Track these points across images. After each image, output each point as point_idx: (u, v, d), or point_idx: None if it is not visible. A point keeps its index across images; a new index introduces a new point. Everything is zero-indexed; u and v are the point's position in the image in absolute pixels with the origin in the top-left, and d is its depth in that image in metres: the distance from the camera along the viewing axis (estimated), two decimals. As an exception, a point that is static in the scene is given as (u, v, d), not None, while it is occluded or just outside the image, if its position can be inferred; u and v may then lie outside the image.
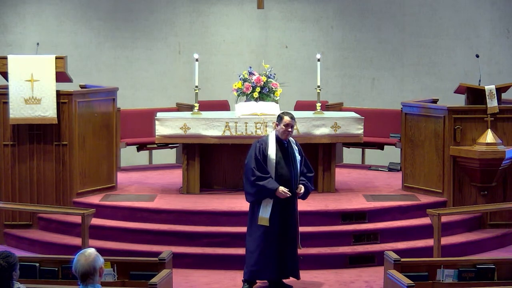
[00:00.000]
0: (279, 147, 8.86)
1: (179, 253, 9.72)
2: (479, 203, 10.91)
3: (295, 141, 9.05)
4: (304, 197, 9.03)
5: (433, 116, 11.18)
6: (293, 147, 8.92)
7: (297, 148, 8.96)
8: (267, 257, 8.80)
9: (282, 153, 8.85)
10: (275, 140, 8.87)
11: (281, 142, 8.89)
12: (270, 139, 8.89)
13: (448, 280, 8.14)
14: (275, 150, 8.81)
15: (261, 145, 8.85)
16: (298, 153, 8.91)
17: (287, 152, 8.87)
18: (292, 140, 8.99)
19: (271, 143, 8.85)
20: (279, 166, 8.81)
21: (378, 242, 10.32)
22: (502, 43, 15.44)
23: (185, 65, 15.33)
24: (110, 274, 8.02)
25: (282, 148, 8.86)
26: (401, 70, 15.54)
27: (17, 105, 10.78)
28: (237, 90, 11.83)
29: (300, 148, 9.00)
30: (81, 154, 11.13)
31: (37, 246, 10.57)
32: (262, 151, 8.80)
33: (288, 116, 8.84)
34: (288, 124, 8.82)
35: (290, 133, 8.88)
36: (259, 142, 8.92)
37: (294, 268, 8.97)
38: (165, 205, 10.81)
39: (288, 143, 8.92)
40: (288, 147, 8.90)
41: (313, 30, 15.52)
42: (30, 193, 11.05)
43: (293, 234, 8.89)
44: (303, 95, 14.75)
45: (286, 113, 8.92)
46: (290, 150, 8.89)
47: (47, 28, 15.30)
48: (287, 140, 8.91)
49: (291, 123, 8.83)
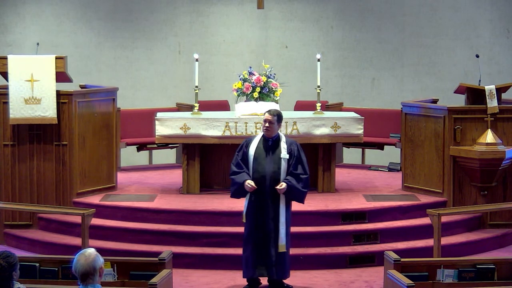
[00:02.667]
0: (262, 144, 8.87)
1: (179, 253, 9.72)
2: (479, 203, 10.91)
3: (289, 141, 8.95)
4: (291, 197, 8.85)
5: (433, 116, 11.18)
6: (280, 146, 8.84)
7: (286, 147, 8.85)
8: (246, 255, 8.86)
9: (263, 150, 8.83)
10: (259, 138, 8.93)
11: (266, 140, 8.89)
12: (257, 137, 8.99)
13: (448, 280, 8.14)
14: (255, 147, 8.86)
15: (246, 142, 8.98)
16: (286, 152, 8.83)
17: (269, 149, 8.84)
18: (284, 139, 8.91)
19: (254, 141, 8.93)
20: (256, 162, 8.82)
21: (378, 242, 10.32)
22: (502, 43, 15.45)
23: (185, 65, 15.34)
24: (110, 274, 8.02)
25: (264, 146, 8.86)
26: (401, 70, 15.54)
27: (17, 105, 10.78)
28: (237, 90, 11.84)
29: (293, 149, 8.85)
30: (81, 154, 11.13)
31: (37, 246, 10.57)
32: (244, 147, 8.92)
33: (267, 113, 8.88)
34: (265, 120, 8.86)
35: (269, 128, 8.83)
36: (246, 140, 9.06)
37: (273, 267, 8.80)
38: (165, 205, 10.81)
39: (275, 142, 8.87)
40: (272, 145, 8.86)
41: (313, 30, 15.53)
42: (30, 193, 11.05)
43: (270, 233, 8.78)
44: (303, 95, 14.76)
45: (268, 110, 8.97)
46: (273, 148, 8.84)
47: (47, 28, 15.30)
48: (271, 137, 8.87)
49: (268, 119, 8.83)
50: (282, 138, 8.93)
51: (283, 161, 8.79)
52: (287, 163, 8.81)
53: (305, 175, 8.85)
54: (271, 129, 8.86)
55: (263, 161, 8.81)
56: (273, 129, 8.87)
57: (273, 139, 8.89)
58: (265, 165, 8.81)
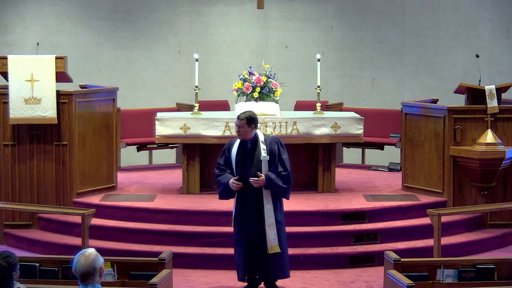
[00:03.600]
0: (242, 147, 8.82)
1: (179, 253, 9.73)
2: (479, 203, 10.91)
3: (270, 140, 8.85)
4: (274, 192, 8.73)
5: (433, 116, 11.18)
6: (260, 148, 8.77)
7: (266, 147, 8.78)
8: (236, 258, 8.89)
9: (243, 154, 8.80)
10: (239, 141, 8.87)
11: (245, 143, 8.84)
12: (237, 140, 8.92)
13: (448, 280, 8.14)
14: (236, 152, 8.81)
15: (228, 146, 8.93)
16: (266, 152, 8.76)
17: (249, 152, 8.79)
18: (262, 139, 8.81)
19: (235, 144, 8.88)
20: (239, 166, 8.79)
21: (378, 242, 10.31)
22: (502, 43, 15.44)
23: (185, 65, 15.34)
24: (110, 274, 8.02)
25: (244, 149, 8.81)
26: (401, 70, 15.54)
27: (17, 105, 10.78)
28: (237, 90, 11.83)
29: (274, 148, 8.77)
30: (81, 154, 11.13)
31: (37, 246, 10.57)
32: (226, 151, 8.90)
33: (237, 117, 8.81)
34: (236, 124, 8.85)
35: (239, 132, 8.77)
36: (228, 143, 9.00)
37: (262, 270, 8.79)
38: (165, 205, 10.81)
39: (253, 144, 8.80)
40: (251, 147, 8.81)
41: (313, 30, 15.52)
42: (30, 193, 11.05)
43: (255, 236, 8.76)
44: (303, 95, 14.76)
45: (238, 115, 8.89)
46: (253, 151, 8.78)
47: (47, 28, 15.30)
48: (252, 140, 8.80)
49: (236, 123, 8.80)
50: (260, 138, 8.82)
51: (263, 163, 8.73)
52: (267, 164, 8.75)
53: (285, 172, 8.76)
54: (243, 133, 8.78)
55: (243, 165, 8.78)
56: (245, 133, 8.76)
57: (251, 141, 8.80)
58: (246, 169, 8.76)
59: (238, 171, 8.77)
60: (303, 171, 11.60)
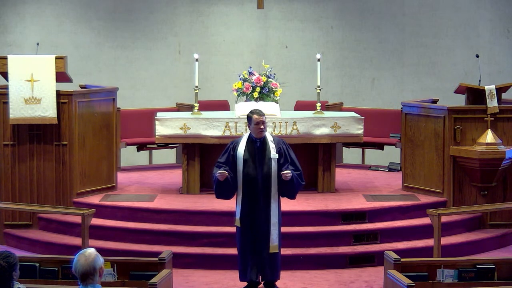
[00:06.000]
0: (250, 146, 8.76)
1: (179, 253, 9.73)
2: (479, 203, 10.91)
3: (277, 140, 8.87)
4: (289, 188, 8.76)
5: (433, 116, 11.18)
6: (269, 147, 8.77)
7: (274, 147, 8.77)
8: (245, 258, 8.82)
9: (252, 153, 8.74)
10: (246, 140, 8.80)
11: (253, 142, 8.80)
12: (243, 139, 8.86)
13: (448, 280, 8.14)
14: (243, 150, 8.75)
15: (233, 145, 8.85)
16: (275, 151, 8.74)
17: (258, 151, 8.77)
18: (271, 139, 8.82)
19: (241, 143, 8.80)
20: (247, 165, 8.72)
21: (378, 242, 10.32)
22: (502, 43, 15.45)
23: (185, 65, 15.34)
24: (110, 274, 8.02)
25: (252, 148, 8.76)
26: (401, 70, 15.54)
27: (17, 105, 10.78)
28: (237, 90, 11.83)
29: (282, 147, 8.80)
30: (81, 154, 11.13)
31: (37, 246, 10.57)
32: (231, 150, 8.81)
33: (257, 114, 8.74)
34: (259, 122, 8.72)
35: (264, 129, 8.76)
36: (232, 142, 8.93)
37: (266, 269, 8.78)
38: (165, 205, 10.81)
39: (262, 143, 8.79)
40: (260, 146, 8.79)
41: (313, 30, 15.52)
42: (30, 193, 11.05)
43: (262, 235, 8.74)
44: (303, 95, 14.76)
45: (253, 112, 8.81)
46: (262, 150, 8.76)
47: (47, 28, 15.31)
48: (261, 138, 8.78)
49: (262, 119, 8.72)
50: (269, 138, 8.82)
51: (273, 161, 8.71)
52: (277, 163, 8.73)
53: (298, 172, 8.83)
54: (266, 129, 8.81)
55: (253, 163, 8.74)
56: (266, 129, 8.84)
57: (260, 140, 8.79)
58: (256, 167, 8.74)
59: (245, 170, 8.73)
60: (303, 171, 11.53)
